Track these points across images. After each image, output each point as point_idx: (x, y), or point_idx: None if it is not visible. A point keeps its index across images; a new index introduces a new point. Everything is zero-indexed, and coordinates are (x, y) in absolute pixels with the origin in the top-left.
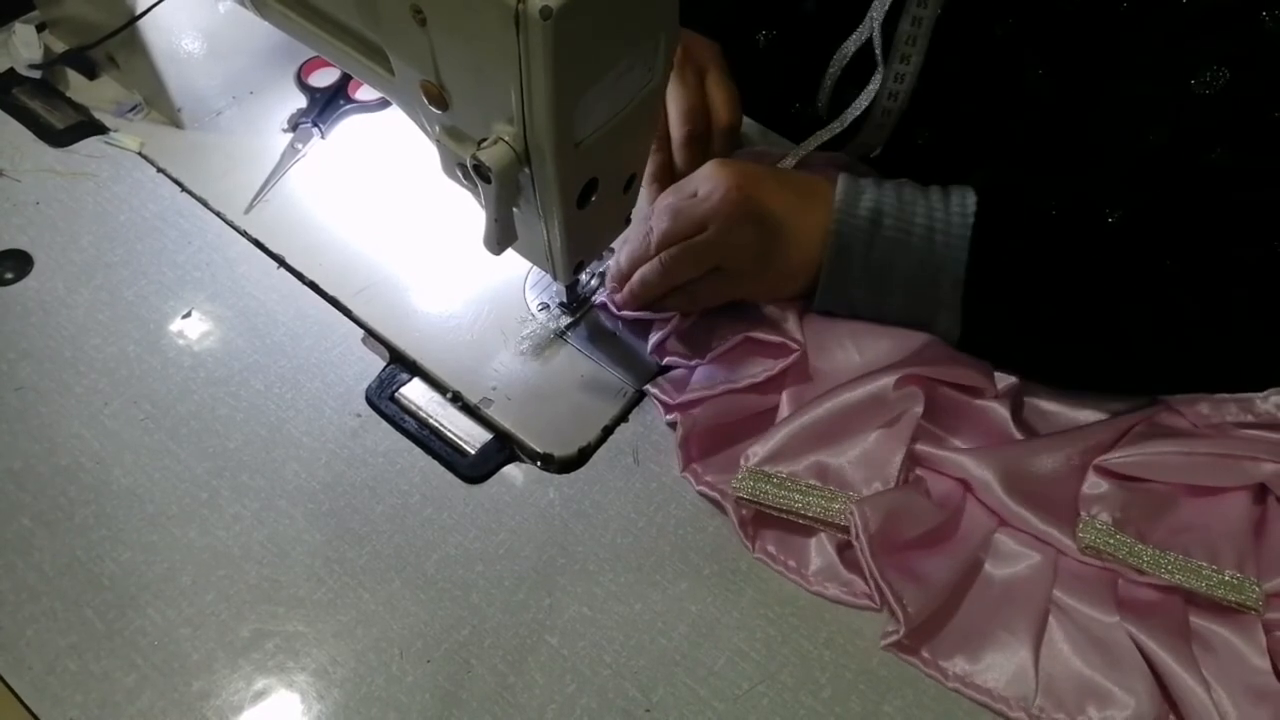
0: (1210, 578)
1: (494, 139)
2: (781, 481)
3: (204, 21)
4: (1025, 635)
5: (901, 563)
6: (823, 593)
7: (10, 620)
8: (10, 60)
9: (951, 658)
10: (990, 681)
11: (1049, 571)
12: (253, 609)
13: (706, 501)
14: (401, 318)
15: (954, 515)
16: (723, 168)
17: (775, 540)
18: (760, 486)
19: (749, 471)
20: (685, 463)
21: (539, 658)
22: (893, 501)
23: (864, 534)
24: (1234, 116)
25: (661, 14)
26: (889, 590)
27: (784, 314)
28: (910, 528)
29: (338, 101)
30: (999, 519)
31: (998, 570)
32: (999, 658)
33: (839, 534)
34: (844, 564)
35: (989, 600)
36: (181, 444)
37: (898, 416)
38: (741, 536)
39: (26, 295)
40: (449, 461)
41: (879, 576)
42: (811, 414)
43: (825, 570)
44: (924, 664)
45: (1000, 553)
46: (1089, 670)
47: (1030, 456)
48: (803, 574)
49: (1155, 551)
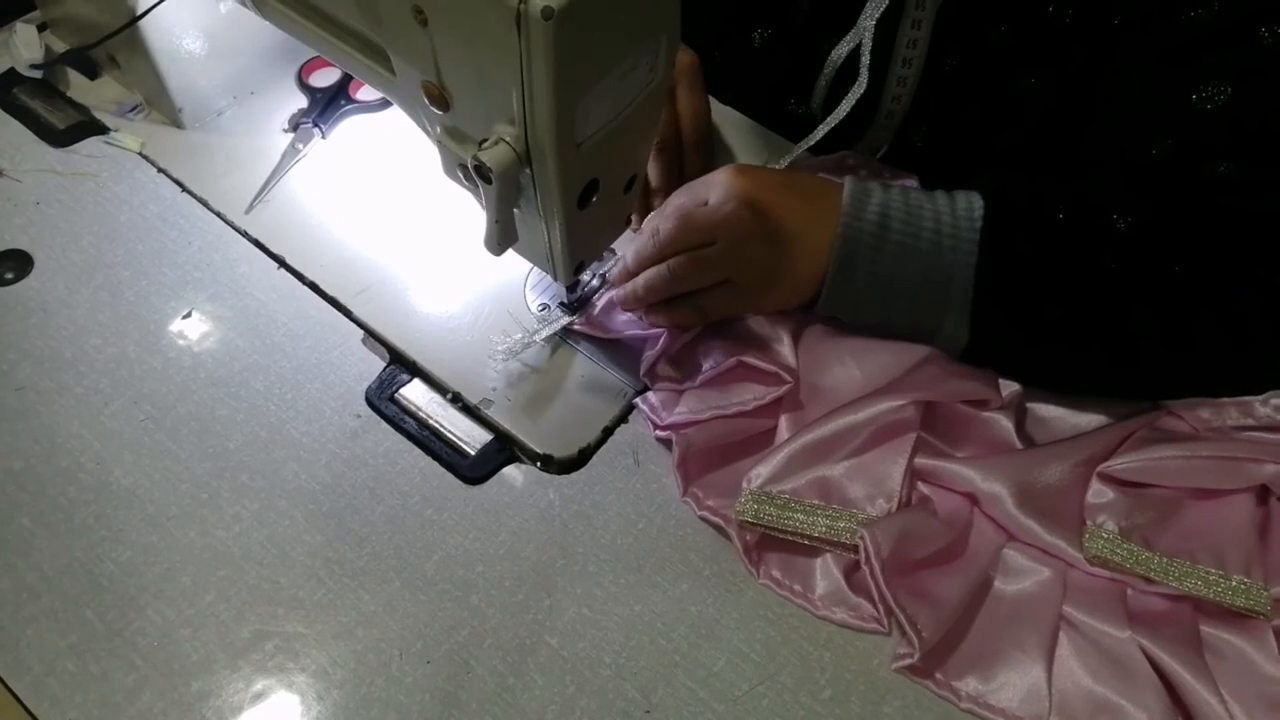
0: (1218, 584)
1: (495, 139)
2: (785, 502)
3: (205, 21)
4: (1037, 652)
5: (913, 585)
6: (830, 617)
7: (10, 620)
8: (11, 60)
9: (963, 678)
10: (1004, 701)
11: (1058, 586)
12: (252, 610)
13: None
14: (402, 318)
15: (962, 532)
16: (737, 177)
17: (780, 564)
18: (763, 509)
19: (751, 494)
20: (685, 486)
21: (539, 659)
22: (902, 524)
23: (875, 559)
24: (1238, 131)
25: (662, 14)
26: (903, 615)
27: (778, 334)
28: (920, 548)
29: (339, 102)
30: (1007, 533)
31: (1007, 586)
32: (1012, 676)
33: (846, 554)
34: (851, 587)
35: (999, 618)
36: (181, 444)
37: (897, 430)
38: (746, 564)
39: (27, 295)
40: (449, 462)
41: (892, 601)
42: (813, 434)
43: (832, 594)
44: (936, 685)
45: (1009, 568)
46: (1100, 687)
47: (1035, 467)
48: (809, 598)
49: (1163, 559)
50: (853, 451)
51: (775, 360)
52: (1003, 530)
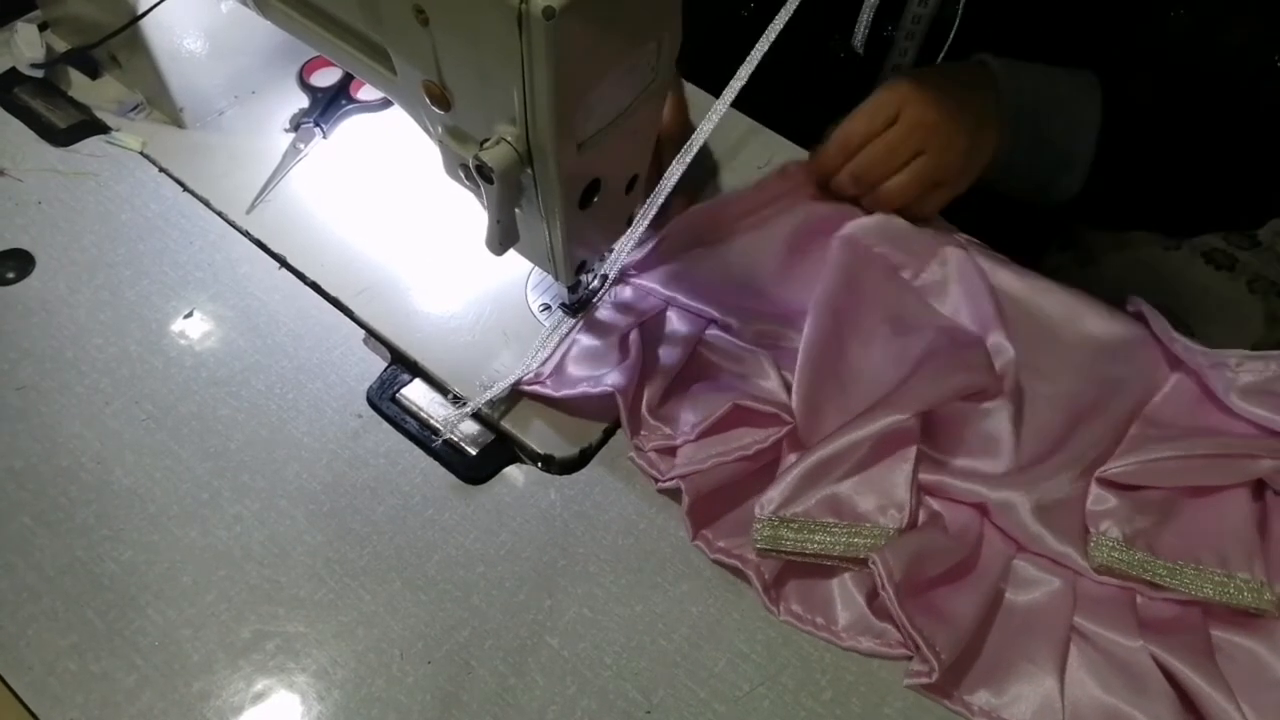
0: (1225, 585)
1: (496, 139)
2: (801, 524)
3: (206, 21)
4: (1049, 664)
5: (927, 604)
6: (856, 648)
7: (10, 620)
8: (12, 59)
9: (975, 692)
10: (1017, 715)
11: (1069, 596)
12: (253, 609)
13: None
14: (403, 318)
15: (974, 546)
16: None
17: (799, 597)
18: (779, 533)
19: (766, 520)
20: (695, 531)
21: (539, 659)
22: (915, 545)
23: (889, 584)
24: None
25: (662, 14)
26: (919, 637)
27: (762, 370)
28: (934, 567)
29: (340, 101)
30: (1016, 545)
31: (1018, 597)
32: (1024, 689)
33: (865, 570)
34: (873, 611)
35: (1011, 630)
36: (183, 444)
37: (899, 440)
38: (766, 602)
39: (28, 295)
40: (450, 462)
41: (909, 624)
42: (818, 454)
43: (855, 623)
44: (950, 700)
45: (1019, 579)
46: (1111, 698)
47: (1040, 481)
48: (833, 630)
49: (1170, 565)
50: (857, 466)
51: (771, 401)
52: (1012, 541)
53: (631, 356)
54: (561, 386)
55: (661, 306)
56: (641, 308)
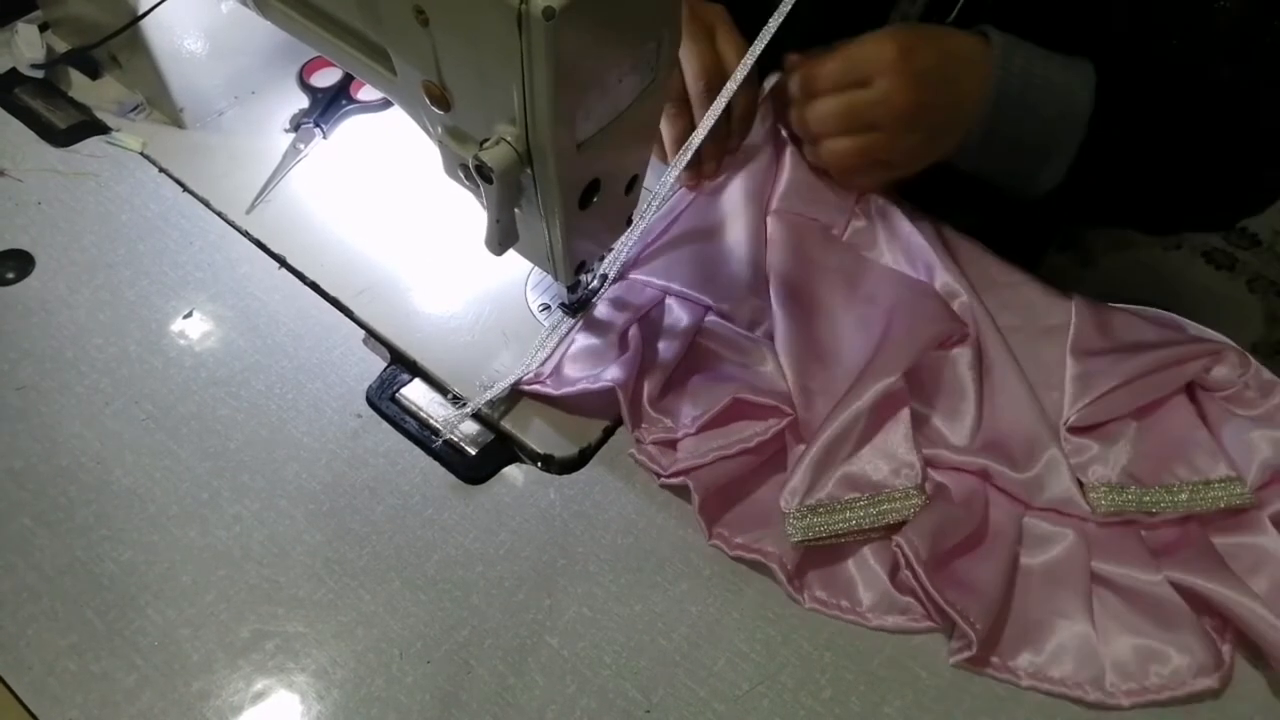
0: (1207, 493)
1: (496, 139)
2: (828, 508)
3: (206, 21)
4: (1079, 615)
5: (952, 576)
6: (884, 626)
7: (10, 620)
8: (13, 60)
9: (1017, 656)
10: (1062, 670)
11: (1083, 545)
12: (253, 609)
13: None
14: (402, 318)
15: (984, 512)
16: (883, 34)
17: (821, 582)
18: (810, 522)
19: (795, 512)
20: (709, 529)
21: (539, 659)
22: (934, 521)
23: (918, 563)
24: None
25: (663, 14)
26: (954, 611)
27: (761, 354)
28: (952, 539)
29: (340, 102)
30: (1023, 504)
31: (1035, 556)
32: (1063, 641)
33: (886, 540)
34: (896, 587)
35: (1035, 588)
36: (182, 444)
37: (892, 404)
38: (790, 592)
39: (28, 295)
40: (449, 462)
41: (940, 600)
42: (824, 435)
43: (880, 602)
44: (995, 670)
45: (1033, 536)
46: (1139, 638)
47: (1016, 437)
48: (859, 612)
49: (1159, 490)
50: (861, 438)
51: (770, 391)
52: (1019, 502)
53: (631, 350)
54: (561, 385)
55: (659, 297)
56: (639, 302)
